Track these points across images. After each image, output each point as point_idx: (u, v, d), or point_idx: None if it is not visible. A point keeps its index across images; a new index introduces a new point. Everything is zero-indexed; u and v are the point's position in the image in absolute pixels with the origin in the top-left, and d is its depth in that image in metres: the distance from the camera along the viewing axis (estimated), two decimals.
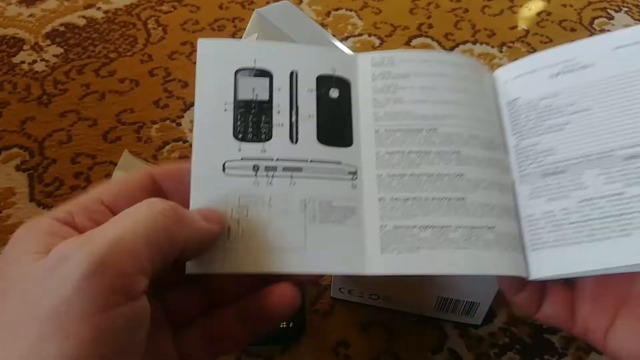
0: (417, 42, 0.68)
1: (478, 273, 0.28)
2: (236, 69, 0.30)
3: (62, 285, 0.17)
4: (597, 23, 0.72)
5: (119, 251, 0.19)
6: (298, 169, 0.28)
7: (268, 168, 0.28)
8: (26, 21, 0.68)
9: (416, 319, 0.43)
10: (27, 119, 0.57)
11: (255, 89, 0.29)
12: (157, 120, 0.57)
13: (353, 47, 0.67)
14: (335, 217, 0.28)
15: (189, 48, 0.65)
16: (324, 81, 0.31)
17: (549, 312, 0.29)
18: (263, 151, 0.28)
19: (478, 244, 0.28)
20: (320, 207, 0.28)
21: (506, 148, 0.31)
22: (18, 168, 0.52)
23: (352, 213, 0.28)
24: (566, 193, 0.28)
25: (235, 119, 0.29)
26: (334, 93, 0.30)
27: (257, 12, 0.40)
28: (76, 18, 0.69)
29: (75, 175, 0.52)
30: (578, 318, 0.29)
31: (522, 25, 0.72)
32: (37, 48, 0.64)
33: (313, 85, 0.30)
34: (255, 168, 0.28)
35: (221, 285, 0.27)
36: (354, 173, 0.29)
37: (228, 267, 0.26)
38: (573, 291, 0.29)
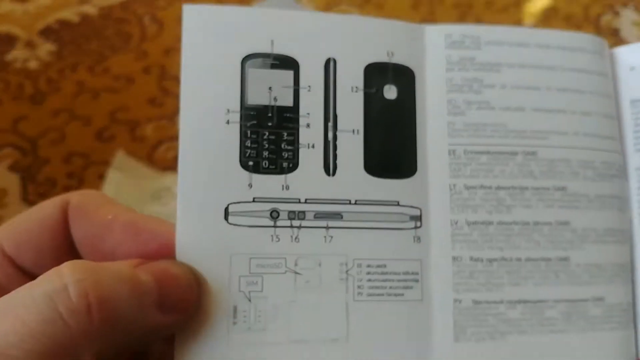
0: None
1: None
2: (243, 56, 0.20)
3: None
4: (604, 20, 0.71)
5: None
6: (337, 216, 0.20)
7: (293, 214, 0.20)
8: (20, 18, 0.67)
9: None
10: (20, 118, 0.56)
11: (272, 88, 0.20)
12: (153, 118, 0.56)
13: None
14: (391, 289, 0.20)
15: None
16: (377, 72, 0.21)
17: None
18: (285, 188, 0.20)
19: (579, 325, 0.21)
20: (368, 275, 0.20)
21: (626, 171, 0.22)
22: (11, 168, 0.52)
23: (415, 281, 0.20)
24: None
25: (242, 137, 0.20)
26: (391, 92, 0.21)
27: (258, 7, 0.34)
28: (70, 14, 0.68)
29: (68, 175, 0.51)
30: None
31: (528, 21, 0.71)
32: (31, 45, 0.64)
33: (360, 79, 0.21)
34: (273, 214, 0.20)
35: None
36: (418, 218, 0.20)
37: None
38: None
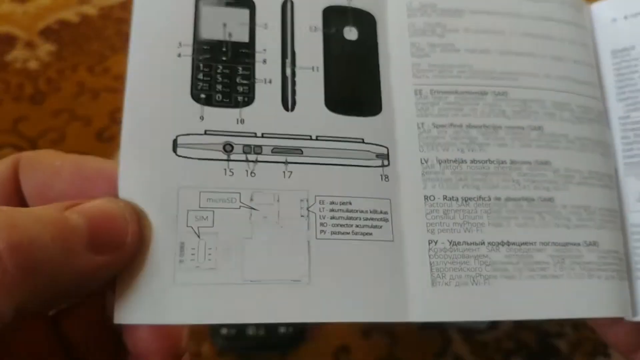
0: None
1: (574, 316, 0.20)
2: None
3: None
4: None
5: None
6: (296, 151, 0.19)
7: (249, 148, 0.19)
8: (20, 18, 0.68)
9: (418, 323, 0.42)
10: (20, 118, 0.56)
11: (227, 25, 0.20)
12: None
13: None
14: (357, 228, 0.18)
15: None
16: (335, 15, 0.21)
17: None
18: (240, 122, 0.19)
19: (575, 271, 0.19)
20: (331, 212, 0.18)
21: (608, 119, 0.22)
22: None
23: (384, 220, 0.19)
24: None
25: (195, 70, 0.19)
26: (351, 33, 0.21)
27: None
28: (70, 15, 0.68)
29: None
30: None
31: None
32: (31, 46, 0.64)
33: (318, 20, 0.21)
34: (227, 148, 0.18)
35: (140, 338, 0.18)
36: (385, 156, 0.20)
37: (178, 316, 0.17)
38: None
